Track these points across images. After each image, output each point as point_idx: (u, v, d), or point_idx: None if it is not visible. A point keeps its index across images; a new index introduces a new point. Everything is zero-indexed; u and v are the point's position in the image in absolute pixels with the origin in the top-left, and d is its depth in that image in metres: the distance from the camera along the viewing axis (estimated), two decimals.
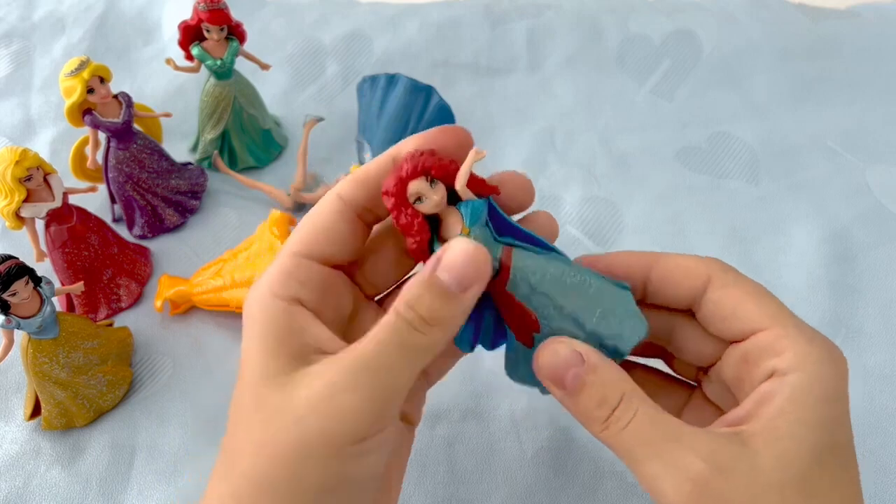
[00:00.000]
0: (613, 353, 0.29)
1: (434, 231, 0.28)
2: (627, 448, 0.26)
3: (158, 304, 0.45)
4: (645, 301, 0.30)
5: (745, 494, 0.24)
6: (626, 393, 0.26)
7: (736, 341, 0.28)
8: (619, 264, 0.30)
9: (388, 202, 0.27)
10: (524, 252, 0.28)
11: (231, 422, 0.26)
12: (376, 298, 0.31)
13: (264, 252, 0.44)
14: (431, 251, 0.28)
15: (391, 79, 0.54)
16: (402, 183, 0.27)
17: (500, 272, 0.28)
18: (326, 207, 0.28)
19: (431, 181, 0.27)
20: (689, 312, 0.30)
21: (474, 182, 0.28)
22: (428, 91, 0.54)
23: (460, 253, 0.26)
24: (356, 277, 0.30)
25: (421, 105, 0.54)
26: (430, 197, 0.27)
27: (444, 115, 0.55)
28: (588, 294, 0.29)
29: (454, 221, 0.28)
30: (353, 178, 0.28)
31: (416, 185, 0.27)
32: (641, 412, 0.26)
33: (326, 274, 0.28)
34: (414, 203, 0.27)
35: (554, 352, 0.27)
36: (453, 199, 0.28)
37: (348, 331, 0.29)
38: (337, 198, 0.28)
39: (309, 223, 0.28)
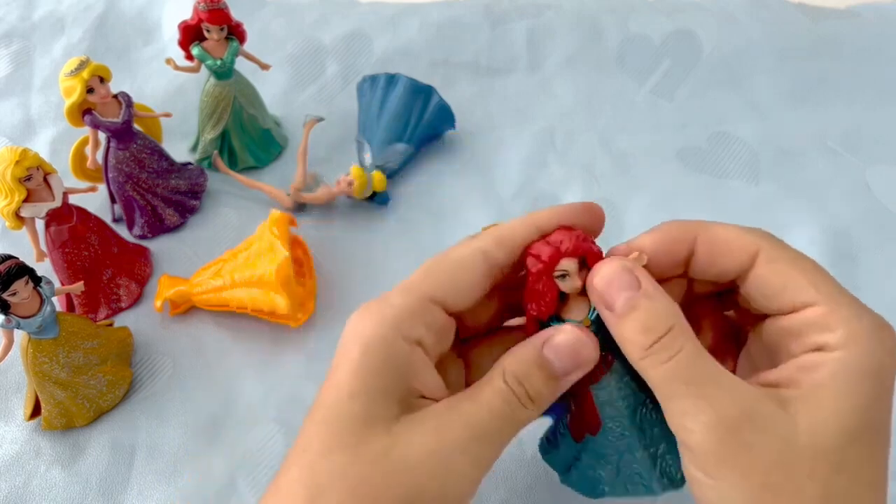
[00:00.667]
0: (670, 481, 0.30)
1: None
2: (663, 381, 0.26)
3: (158, 304, 0.45)
4: (687, 276, 0.30)
5: (774, 453, 0.24)
6: (674, 326, 0.26)
7: (779, 314, 0.28)
8: (663, 238, 0.29)
9: (535, 267, 0.28)
10: (621, 365, 0.29)
11: (320, 443, 0.26)
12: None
13: (264, 252, 0.44)
14: (544, 322, 0.29)
15: (391, 79, 0.54)
16: (558, 256, 0.28)
17: (594, 372, 0.29)
18: (471, 264, 0.28)
19: (582, 265, 0.28)
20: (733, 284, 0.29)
21: None
22: (428, 91, 0.54)
23: (574, 340, 0.27)
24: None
25: (421, 105, 0.54)
26: (575, 280, 0.28)
27: (445, 115, 0.55)
28: (653, 431, 0.30)
29: (579, 307, 0.29)
30: (497, 238, 0.29)
31: (568, 263, 0.28)
32: (686, 349, 0.26)
33: (446, 320, 0.28)
34: (556, 277, 0.28)
35: (612, 270, 0.27)
36: None
37: None
38: (482, 256, 0.28)
39: (450, 273, 0.28)
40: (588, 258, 0.28)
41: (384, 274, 0.48)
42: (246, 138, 0.53)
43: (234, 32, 0.50)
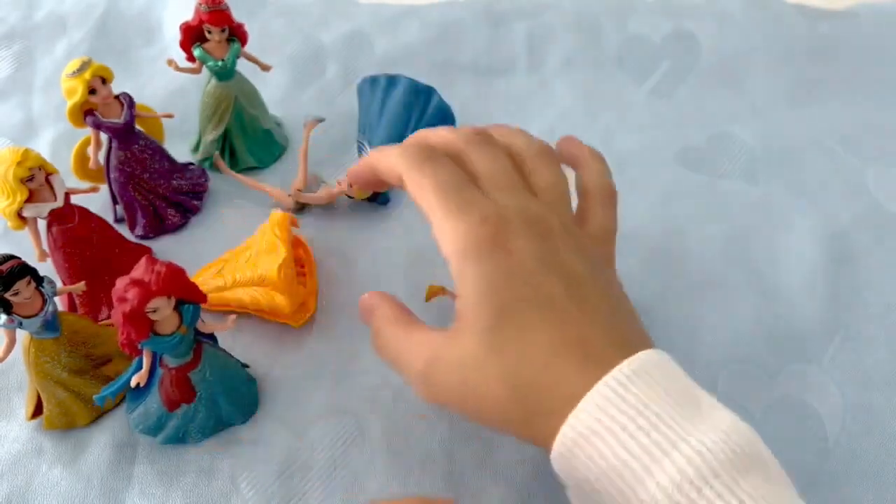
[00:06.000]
0: (230, 418, 0.41)
1: None
2: (381, 351, 0.34)
3: None
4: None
5: (453, 368, 0.31)
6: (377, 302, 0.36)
7: None
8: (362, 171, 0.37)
9: (124, 308, 0.33)
10: (211, 349, 0.39)
11: None
12: None
13: (266, 252, 0.44)
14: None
15: (392, 79, 0.55)
16: (147, 297, 0.33)
17: (192, 361, 0.38)
18: None
19: (169, 297, 0.34)
20: None
21: (192, 291, 0.36)
22: (428, 91, 0.54)
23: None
24: None
25: (421, 105, 0.54)
26: (165, 310, 0.34)
27: (445, 115, 0.55)
28: (235, 383, 0.41)
29: (169, 323, 0.35)
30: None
31: (158, 301, 0.34)
32: (388, 320, 0.34)
33: None
34: (148, 312, 0.34)
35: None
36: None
37: None
38: None
39: None
40: (176, 293, 0.35)
41: (384, 273, 0.48)
42: (247, 139, 0.54)
43: (236, 33, 0.50)
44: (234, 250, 0.46)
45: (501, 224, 0.31)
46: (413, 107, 0.54)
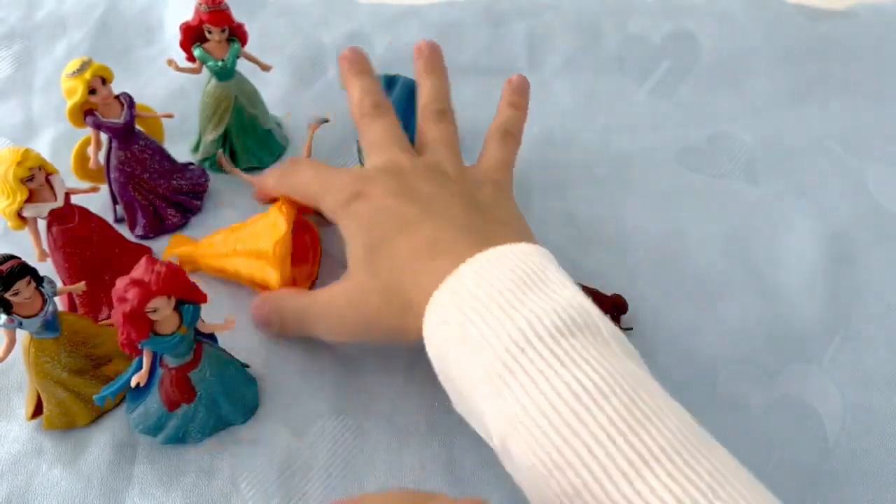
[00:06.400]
0: (230, 418, 0.41)
1: None
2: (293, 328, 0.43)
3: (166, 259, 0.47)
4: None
5: (347, 300, 0.38)
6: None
7: None
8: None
9: (124, 308, 0.33)
10: (211, 349, 0.39)
11: None
12: None
13: (268, 227, 0.45)
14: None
15: (391, 79, 0.55)
16: (148, 297, 0.33)
17: (192, 361, 0.38)
18: None
19: (169, 297, 0.34)
20: None
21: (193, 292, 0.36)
22: None
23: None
24: None
25: None
26: (165, 310, 0.34)
27: None
28: (235, 383, 0.41)
29: (169, 322, 0.35)
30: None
31: (158, 301, 0.34)
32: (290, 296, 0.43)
33: None
34: (148, 312, 0.34)
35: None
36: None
37: None
38: None
39: None
40: (175, 293, 0.34)
41: None
42: (247, 139, 0.54)
43: (236, 34, 0.50)
44: (240, 223, 0.47)
45: (360, 181, 0.39)
46: (412, 107, 0.53)
